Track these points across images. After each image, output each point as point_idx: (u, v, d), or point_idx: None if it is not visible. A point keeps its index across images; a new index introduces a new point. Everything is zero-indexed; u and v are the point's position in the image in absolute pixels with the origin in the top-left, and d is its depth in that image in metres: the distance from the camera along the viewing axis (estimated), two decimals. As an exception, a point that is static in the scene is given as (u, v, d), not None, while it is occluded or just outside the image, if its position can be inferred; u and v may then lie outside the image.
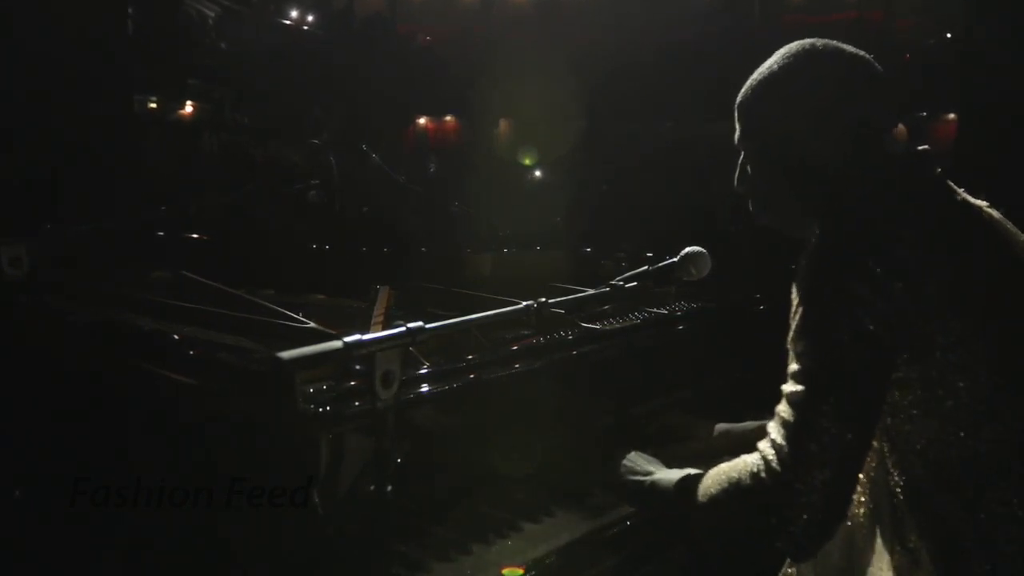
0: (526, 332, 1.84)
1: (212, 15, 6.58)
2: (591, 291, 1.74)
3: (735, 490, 1.27)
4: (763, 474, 1.21)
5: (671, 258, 1.76)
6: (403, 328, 1.24)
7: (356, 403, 1.42)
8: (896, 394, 1.21)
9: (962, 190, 1.34)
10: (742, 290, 2.32)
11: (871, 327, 1.16)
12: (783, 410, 1.22)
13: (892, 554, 1.26)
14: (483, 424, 1.65)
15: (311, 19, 10.67)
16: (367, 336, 1.20)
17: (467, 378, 1.64)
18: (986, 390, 1.20)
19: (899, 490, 1.24)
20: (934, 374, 1.19)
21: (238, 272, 2.41)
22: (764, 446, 1.23)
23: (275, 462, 1.41)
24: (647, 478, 1.52)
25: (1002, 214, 1.37)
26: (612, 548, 1.58)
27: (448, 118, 12.47)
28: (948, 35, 10.17)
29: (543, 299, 1.58)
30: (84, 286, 2.38)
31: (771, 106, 1.37)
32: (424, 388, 1.56)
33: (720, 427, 1.83)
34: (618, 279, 1.74)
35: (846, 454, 1.18)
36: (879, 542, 1.28)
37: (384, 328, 1.28)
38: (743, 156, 1.45)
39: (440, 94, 11.08)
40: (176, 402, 1.65)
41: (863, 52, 1.36)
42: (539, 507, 1.61)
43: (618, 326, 1.99)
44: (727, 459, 1.34)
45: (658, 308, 2.17)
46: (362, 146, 3.33)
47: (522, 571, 1.44)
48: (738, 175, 1.46)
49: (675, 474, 1.48)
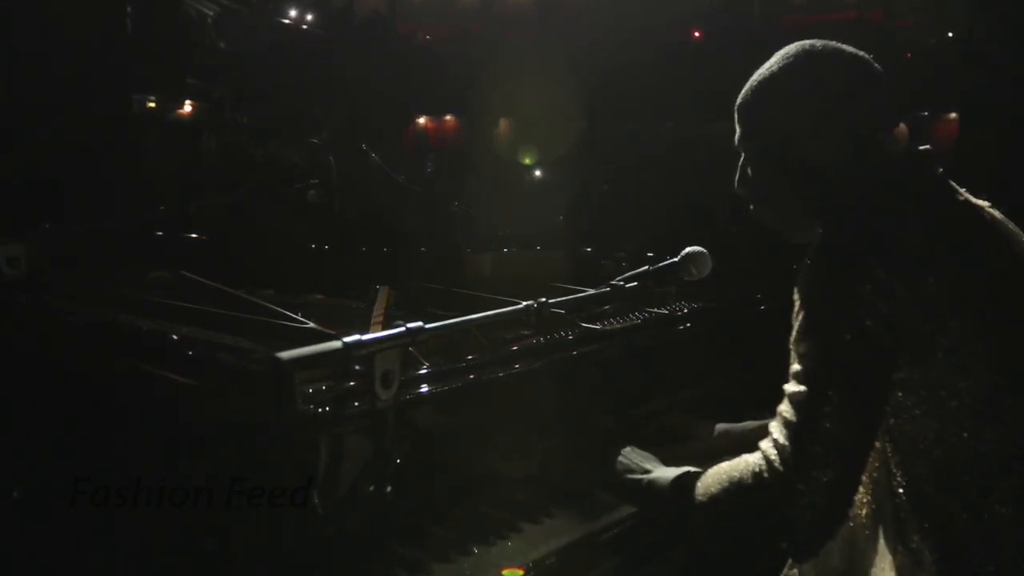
0: (526, 332, 1.84)
1: (211, 14, 6.57)
2: (591, 291, 1.74)
3: (736, 489, 1.26)
4: (765, 473, 1.21)
5: (671, 258, 1.76)
6: (403, 328, 1.24)
7: (356, 403, 1.41)
8: (898, 395, 1.21)
9: (963, 190, 1.34)
10: (743, 290, 2.31)
11: (872, 327, 1.16)
12: (785, 410, 1.22)
13: (895, 554, 1.25)
14: (483, 425, 1.65)
15: (311, 18, 10.67)
16: (367, 336, 1.20)
17: (467, 378, 1.63)
18: (988, 391, 1.20)
19: (901, 491, 1.24)
20: (936, 375, 1.19)
21: (237, 272, 2.41)
22: (766, 445, 1.23)
23: (274, 462, 1.41)
24: (645, 476, 1.51)
25: (1004, 214, 1.36)
26: (612, 549, 1.58)
27: (448, 118, 12.47)
28: (949, 34, 10.17)
29: (543, 299, 1.58)
30: (83, 286, 2.38)
31: (771, 107, 1.37)
32: (424, 388, 1.55)
33: (720, 427, 1.83)
34: (618, 279, 1.74)
35: (848, 454, 1.18)
36: (882, 542, 1.28)
37: (384, 328, 1.28)
38: (743, 158, 1.45)
39: (440, 94, 11.08)
40: (175, 402, 1.64)
41: (863, 53, 1.36)
42: (539, 508, 1.60)
43: (618, 326, 1.99)
44: (727, 459, 1.33)
45: (658, 308, 2.16)
46: (362, 146, 3.33)
47: (522, 572, 1.44)
48: (738, 177, 1.46)
49: (673, 472, 1.47)
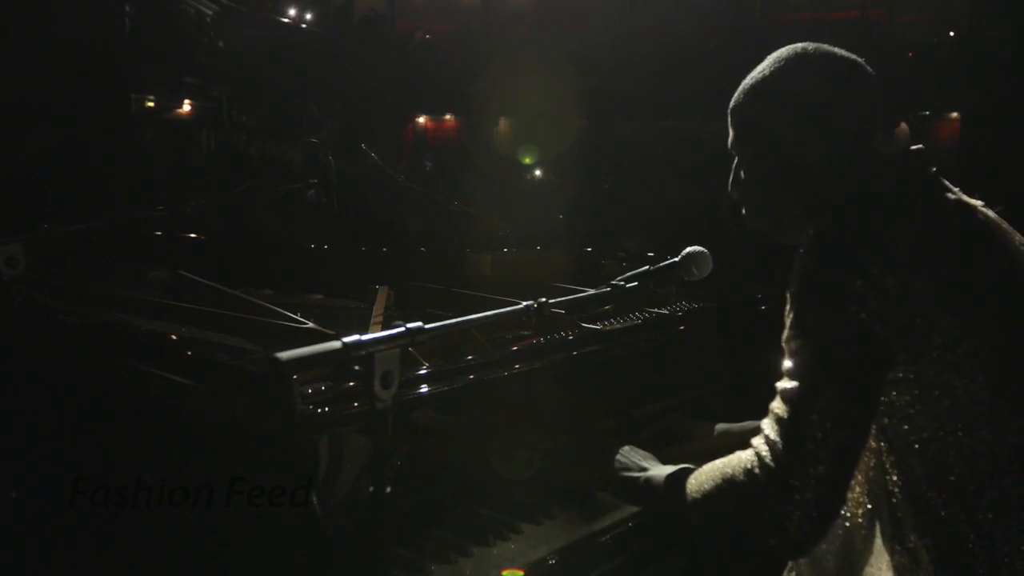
0: (526, 332, 1.83)
1: (210, 13, 6.57)
2: (592, 291, 1.73)
3: (729, 486, 1.26)
4: (757, 471, 1.21)
5: (672, 258, 1.75)
6: (402, 328, 1.23)
7: (355, 404, 1.41)
8: (893, 394, 1.21)
9: (957, 189, 1.33)
10: (743, 290, 2.30)
11: (865, 324, 1.15)
12: (778, 407, 1.21)
13: (892, 554, 1.25)
14: (483, 425, 1.64)
15: (309, 17, 10.67)
16: (366, 336, 1.19)
17: (467, 379, 1.63)
18: (983, 390, 1.19)
19: (898, 490, 1.23)
20: (931, 374, 1.19)
21: (236, 272, 2.40)
22: (758, 442, 1.22)
23: (273, 463, 1.40)
24: (641, 474, 1.51)
25: (1006, 211, 1.36)
26: (612, 550, 1.57)
27: (447, 116, 12.47)
28: (951, 33, 10.17)
29: (543, 299, 1.56)
30: (81, 286, 2.37)
31: (763, 111, 1.37)
32: (423, 389, 1.55)
33: (720, 427, 1.82)
34: (619, 279, 1.73)
35: (840, 452, 1.17)
36: (878, 542, 1.27)
37: (383, 328, 1.27)
38: (736, 160, 1.45)
39: (439, 92, 11.09)
40: (173, 403, 1.63)
41: (854, 55, 1.36)
42: (539, 509, 1.60)
43: (619, 326, 1.98)
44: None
45: (659, 308, 2.16)
46: (361, 145, 3.32)
47: (522, 573, 1.43)
48: (732, 179, 1.46)
49: (669, 470, 1.47)
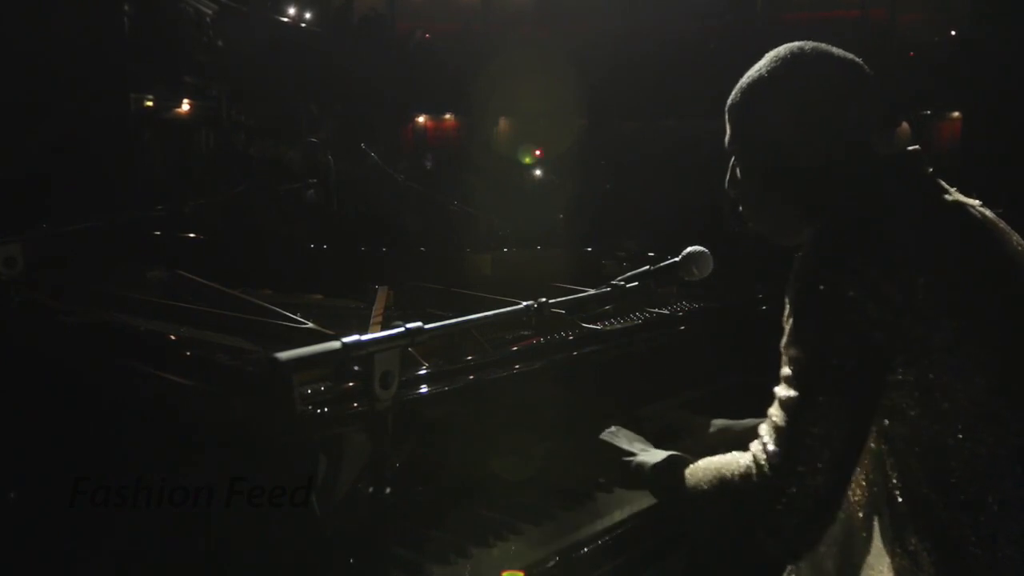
0: (526, 332, 1.83)
1: (209, 12, 6.57)
2: (592, 291, 1.72)
3: (724, 488, 1.26)
4: (753, 477, 1.21)
5: (673, 258, 1.75)
6: (402, 328, 1.23)
7: (354, 404, 1.41)
8: (893, 396, 1.20)
9: (954, 189, 1.32)
10: (744, 290, 2.30)
11: (863, 331, 1.15)
12: (775, 413, 1.21)
13: (892, 556, 1.24)
14: (483, 426, 1.64)
15: (309, 17, 10.66)
16: (365, 337, 1.18)
17: (466, 379, 1.62)
18: (984, 392, 1.18)
19: (898, 492, 1.23)
20: (931, 376, 1.18)
21: (235, 272, 2.40)
22: (756, 448, 1.22)
23: (273, 464, 1.40)
24: (633, 459, 1.51)
25: (1007, 211, 1.35)
26: (613, 551, 1.57)
27: (447, 116, 12.47)
28: (952, 32, 10.15)
29: (543, 299, 1.56)
30: (79, 286, 2.37)
31: (759, 111, 1.36)
32: (423, 389, 1.55)
33: (719, 423, 1.82)
34: (619, 279, 1.72)
35: (837, 460, 1.17)
36: (879, 544, 1.27)
37: (383, 328, 1.26)
38: (733, 159, 1.44)
39: (439, 92, 11.08)
40: (172, 403, 1.63)
41: (851, 55, 1.35)
42: (539, 510, 1.59)
43: (619, 327, 1.98)
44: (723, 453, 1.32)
45: (660, 308, 2.15)
46: (360, 144, 3.32)
47: (522, 574, 1.43)
48: (728, 178, 1.45)
49: (661, 456, 1.47)
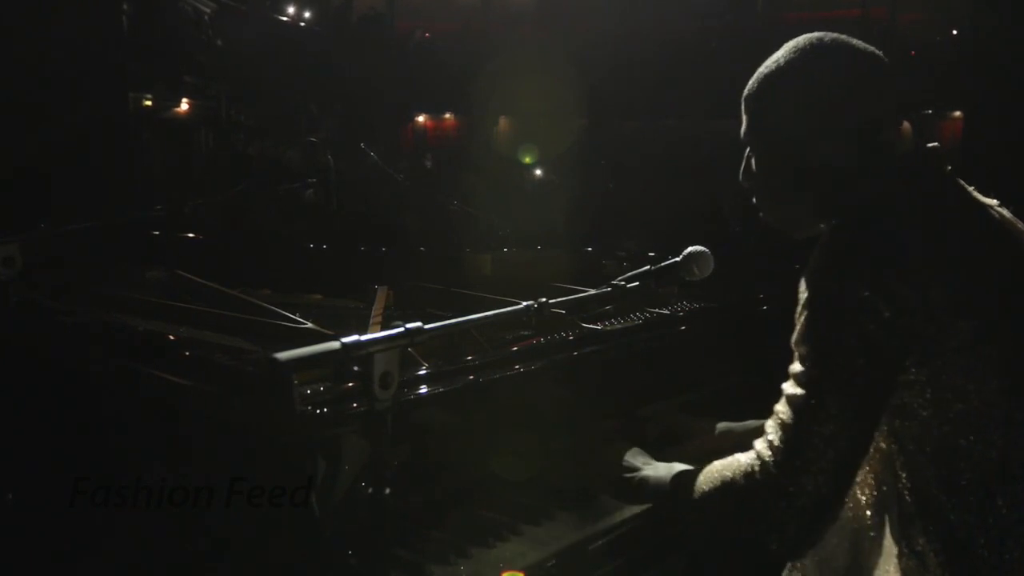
0: (526, 333, 1.82)
1: (208, 12, 6.56)
2: (592, 291, 1.72)
3: (728, 489, 1.26)
4: (757, 475, 1.20)
5: (673, 258, 1.74)
6: (402, 328, 1.22)
7: (354, 405, 1.40)
8: (904, 396, 1.20)
9: (972, 188, 1.31)
10: (745, 290, 2.29)
11: (876, 333, 1.14)
12: (782, 411, 1.20)
13: (900, 556, 1.24)
14: (483, 426, 1.63)
15: (308, 16, 10.65)
16: (365, 337, 1.18)
17: (466, 379, 1.62)
18: (997, 394, 1.18)
19: (907, 493, 1.22)
20: (944, 377, 1.18)
21: (234, 272, 2.39)
22: (761, 446, 1.22)
23: (272, 464, 1.40)
24: (636, 474, 1.50)
25: (1011, 213, 1.34)
26: (613, 552, 1.56)
27: (447, 116, 12.46)
28: (954, 31, 10.13)
29: (543, 299, 1.55)
30: (78, 286, 2.37)
31: (776, 103, 1.33)
32: (423, 389, 1.55)
33: (722, 426, 1.82)
34: (620, 279, 1.72)
35: (841, 459, 1.17)
36: (886, 544, 1.26)
37: (382, 328, 1.26)
38: (748, 150, 1.42)
39: (439, 91, 11.07)
40: (171, 403, 1.63)
41: (871, 47, 1.32)
42: (539, 510, 1.59)
43: (619, 327, 1.97)
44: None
45: (660, 309, 2.15)
46: (360, 144, 3.31)
47: (522, 574, 1.42)
48: (743, 169, 1.43)
49: (664, 469, 1.46)
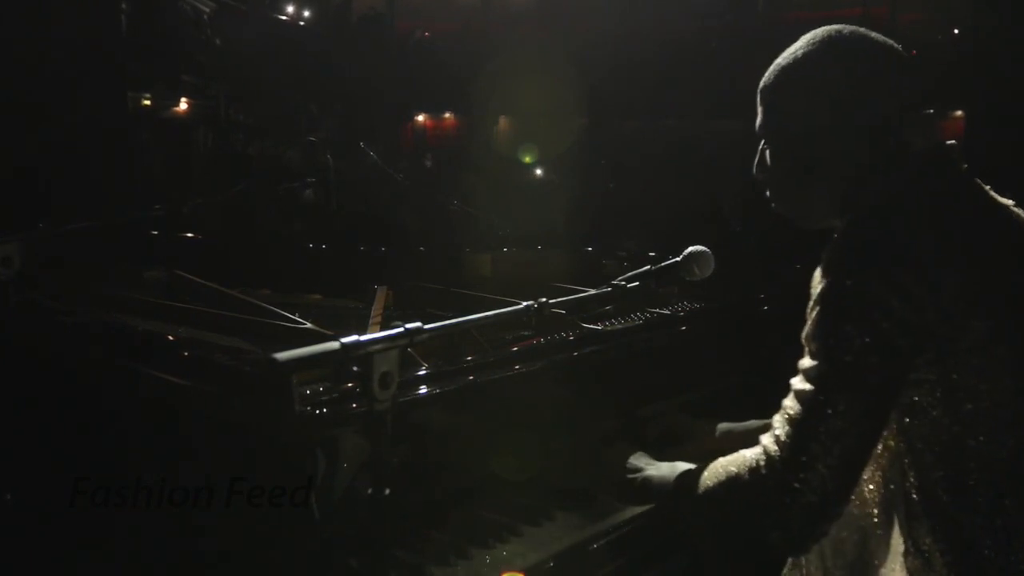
0: (526, 333, 1.82)
1: (207, 11, 6.55)
2: (592, 291, 1.72)
3: (733, 484, 1.25)
4: (763, 469, 1.20)
5: (674, 258, 1.74)
6: (401, 329, 1.22)
7: (353, 405, 1.40)
8: (914, 395, 1.19)
9: (988, 187, 1.30)
10: (746, 290, 2.29)
11: (887, 330, 1.13)
12: (790, 406, 1.20)
13: (906, 556, 1.24)
14: (482, 426, 1.63)
15: (308, 15, 10.64)
16: (365, 337, 1.18)
17: (466, 380, 1.62)
18: (1008, 394, 1.17)
19: (914, 492, 1.22)
20: (955, 376, 1.17)
21: (234, 272, 2.39)
22: (767, 440, 1.21)
23: (271, 465, 1.40)
24: (638, 475, 1.50)
25: None
26: (613, 553, 1.56)
27: (447, 115, 12.45)
28: (955, 31, 10.11)
29: (543, 299, 1.55)
30: (77, 286, 2.36)
31: (792, 97, 1.32)
32: (423, 390, 1.54)
33: (723, 426, 1.81)
34: (620, 279, 1.72)
35: (847, 456, 1.16)
36: (893, 543, 1.26)
37: (382, 329, 1.26)
38: (762, 143, 1.41)
39: (439, 91, 11.06)
40: (171, 403, 1.62)
41: (890, 41, 1.31)
42: (539, 511, 1.59)
43: (620, 327, 1.97)
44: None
45: (661, 309, 2.15)
46: (359, 144, 3.31)
47: (522, 575, 1.42)
48: (757, 161, 1.41)
49: (667, 468, 1.46)
